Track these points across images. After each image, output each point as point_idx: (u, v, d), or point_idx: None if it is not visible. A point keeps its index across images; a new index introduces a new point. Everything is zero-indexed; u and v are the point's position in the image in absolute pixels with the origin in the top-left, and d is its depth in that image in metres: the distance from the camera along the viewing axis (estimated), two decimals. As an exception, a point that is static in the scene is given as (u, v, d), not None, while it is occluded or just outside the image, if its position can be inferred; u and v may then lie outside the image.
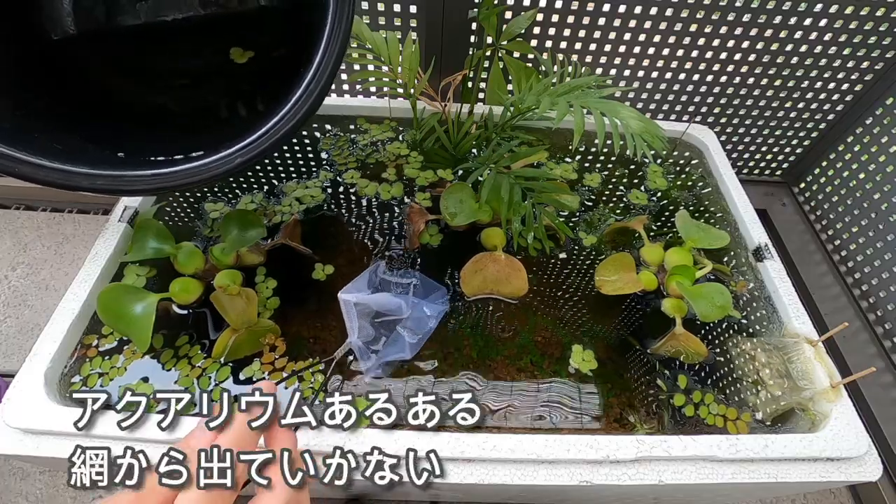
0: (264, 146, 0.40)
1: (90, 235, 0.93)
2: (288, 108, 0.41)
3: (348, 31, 0.41)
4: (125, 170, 0.39)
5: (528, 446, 0.40)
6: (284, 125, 0.41)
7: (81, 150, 0.43)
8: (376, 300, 0.47)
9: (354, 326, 0.46)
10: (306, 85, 0.41)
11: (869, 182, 0.85)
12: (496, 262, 0.53)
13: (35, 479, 0.68)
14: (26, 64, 0.47)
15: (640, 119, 0.48)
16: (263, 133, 0.41)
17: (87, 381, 0.44)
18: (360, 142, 0.67)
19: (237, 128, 0.44)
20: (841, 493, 0.75)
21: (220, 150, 0.40)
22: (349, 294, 0.47)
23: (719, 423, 0.45)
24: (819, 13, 0.72)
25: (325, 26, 0.41)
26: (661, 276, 0.55)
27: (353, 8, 0.42)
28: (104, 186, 0.38)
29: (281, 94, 0.42)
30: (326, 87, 0.42)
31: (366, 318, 0.47)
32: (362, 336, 0.46)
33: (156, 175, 0.39)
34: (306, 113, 0.41)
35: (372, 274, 0.50)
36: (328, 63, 0.41)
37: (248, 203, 0.58)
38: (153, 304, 0.45)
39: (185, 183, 0.39)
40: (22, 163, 0.36)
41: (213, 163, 0.40)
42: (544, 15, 0.72)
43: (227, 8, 0.54)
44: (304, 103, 0.41)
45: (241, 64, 0.55)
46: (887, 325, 0.80)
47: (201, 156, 0.40)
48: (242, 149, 0.40)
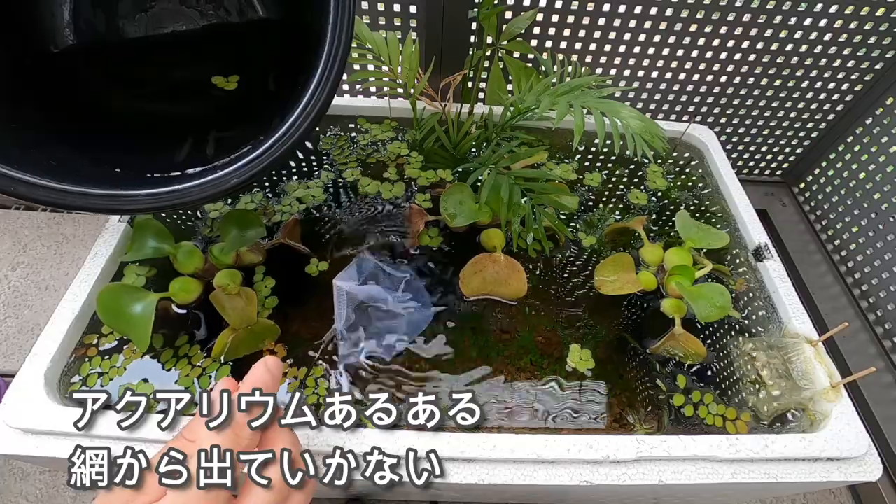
0: (261, 167, 0.40)
1: (90, 235, 0.93)
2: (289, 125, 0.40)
3: (349, 44, 0.41)
4: (121, 188, 0.38)
5: (528, 446, 0.40)
6: (284, 143, 0.40)
7: (77, 165, 0.42)
8: (365, 291, 0.48)
9: (343, 314, 0.46)
10: (305, 102, 0.40)
11: (869, 182, 0.85)
12: (496, 264, 0.53)
13: (35, 479, 0.68)
14: (21, 76, 0.47)
15: (641, 119, 0.48)
16: (263, 151, 0.40)
17: (87, 381, 0.44)
18: (361, 142, 0.67)
19: (237, 142, 0.43)
20: (841, 493, 0.75)
21: (216, 169, 0.40)
22: (343, 282, 0.48)
23: (719, 423, 0.45)
24: (819, 13, 0.72)
25: (326, 38, 0.41)
26: (660, 277, 0.55)
27: (353, 17, 0.41)
28: (99, 206, 0.38)
29: (279, 108, 0.42)
30: (326, 104, 0.41)
31: (352, 307, 0.47)
32: (347, 324, 0.46)
33: (151, 195, 0.38)
34: (308, 128, 0.41)
35: (360, 264, 0.50)
36: (328, 80, 0.40)
37: (247, 203, 0.58)
38: (153, 304, 0.45)
39: (179, 204, 0.39)
40: (18, 182, 0.36)
41: (207, 183, 0.39)
42: (544, 15, 0.72)
43: (227, 20, 0.54)
44: (303, 121, 0.40)
45: (241, 79, 0.55)
46: (887, 325, 0.80)
47: (198, 174, 0.40)
48: (239, 168, 0.40)
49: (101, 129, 0.50)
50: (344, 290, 0.47)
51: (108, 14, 0.51)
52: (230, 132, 0.49)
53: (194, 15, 0.53)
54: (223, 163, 0.40)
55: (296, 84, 0.43)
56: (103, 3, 0.50)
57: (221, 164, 0.40)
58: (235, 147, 0.42)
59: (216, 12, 0.53)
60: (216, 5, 0.53)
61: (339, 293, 0.47)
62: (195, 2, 0.52)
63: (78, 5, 0.49)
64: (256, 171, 0.40)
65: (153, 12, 0.52)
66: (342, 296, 0.47)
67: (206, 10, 0.53)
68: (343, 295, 0.47)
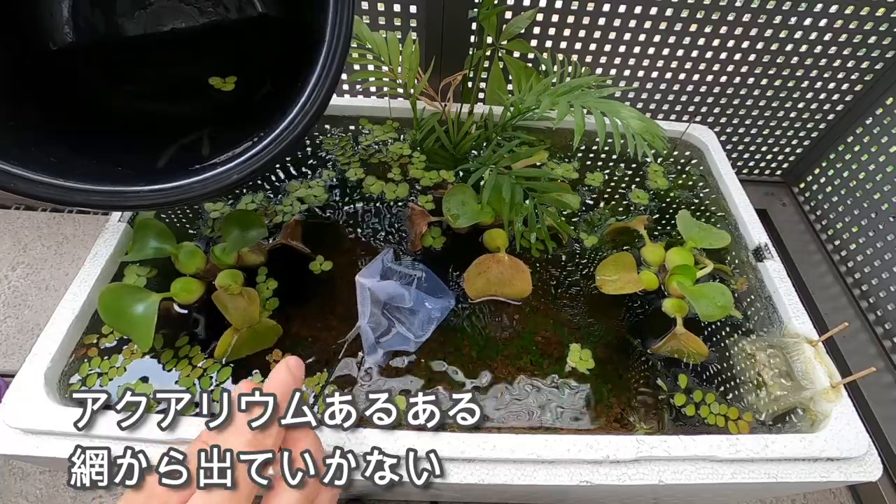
0: (260, 163, 0.40)
1: (90, 235, 0.93)
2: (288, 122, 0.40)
3: (348, 41, 0.41)
4: (122, 185, 0.38)
5: (528, 446, 0.40)
6: (284, 139, 0.40)
7: (77, 162, 0.42)
8: (384, 288, 0.48)
9: (366, 311, 0.46)
10: (304, 100, 0.40)
11: (869, 182, 0.85)
12: (500, 264, 0.53)
13: (35, 479, 0.68)
14: (20, 73, 0.47)
15: (641, 119, 0.48)
16: (262, 148, 0.40)
17: (87, 381, 0.44)
18: (363, 142, 0.67)
19: (237, 139, 0.43)
20: (841, 493, 0.75)
21: (217, 165, 0.40)
22: (366, 278, 0.48)
23: (720, 422, 0.45)
24: (819, 13, 0.72)
25: (325, 36, 0.41)
26: (661, 276, 0.55)
27: (353, 14, 0.41)
28: (101, 202, 0.38)
29: (279, 106, 0.42)
30: (325, 101, 0.41)
31: (375, 305, 0.47)
32: (371, 322, 0.46)
33: (153, 191, 0.38)
34: (307, 125, 0.40)
35: (383, 260, 0.50)
36: (327, 77, 0.40)
37: (248, 203, 0.58)
38: (155, 304, 0.45)
39: (181, 199, 0.39)
40: (17, 178, 0.36)
41: (208, 179, 0.39)
42: (544, 15, 0.72)
43: (226, 18, 0.54)
44: (302, 118, 0.40)
45: (240, 77, 0.55)
46: (887, 325, 0.80)
47: (200, 170, 0.40)
48: (240, 164, 0.40)
49: (102, 128, 0.50)
50: (366, 287, 0.47)
51: (106, 12, 0.51)
52: (231, 129, 0.49)
53: (193, 12, 0.53)
54: (224, 159, 0.41)
55: (295, 81, 0.43)
56: (102, 1, 0.50)
57: (222, 161, 0.40)
58: (236, 144, 0.42)
59: (215, 9, 0.53)
60: (216, 2, 0.53)
61: (363, 290, 0.47)
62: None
63: (77, 3, 0.49)
64: (257, 167, 0.40)
65: (152, 10, 0.52)
66: (364, 292, 0.47)
67: (205, 7, 0.53)
68: (365, 291, 0.47)
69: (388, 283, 0.48)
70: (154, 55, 0.53)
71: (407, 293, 0.48)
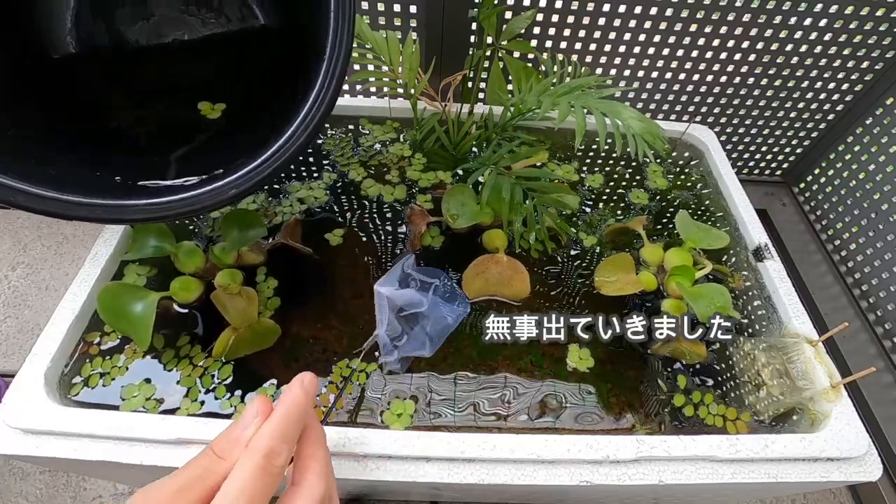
0: (259, 178, 0.40)
1: (90, 235, 0.93)
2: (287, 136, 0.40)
3: (348, 55, 0.41)
4: (123, 198, 0.38)
5: (528, 446, 0.40)
6: (283, 154, 0.40)
7: (77, 174, 0.42)
8: (402, 295, 0.48)
9: (384, 319, 0.46)
10: (304, 113, 0.40)
11: (869, 182, 0.85)
12: (498, 265, 0.53)
13: (35, 479, 0.68)
14: (20, 82, 0.47)
15: (641, 119, 0.48)
16: (262, 162, 0.40)
17: (89, 382, 0.44)
18: (364, 143, 0.67)
19: (236, 153, 0.43)
20: (841, 493, 0.75)
21: (215, 179, 0.40)
22: (383, 287, 0.47)
23: (719, 423, 0.45)
24: (819, 13, 0.72)
25: (326, 49, 0.40)
26: (660, 277, 0.55)
27: (353, 28, 0.41)
28: (103, 216, 0.38)
29: (280, 118, 0.42)
30: (326, 114, 0.41)
31: (392, 312, 0.47)
32: (389, 330, 0.46)
33: (151, 205, 0.38)
34: (307, 139, 0.40)
35: (403, 266, 0.50)
36: (328, 91, 0.40)
37: (248, 203, 0.58)
38: (154, 303, 0.45)
39: (179, 213, 0.39)
40: (19, 192, 0.36)
41: (205, 193, 0.39)
42: (544, 15, 0.72)
43: (228, 29, 0.53)
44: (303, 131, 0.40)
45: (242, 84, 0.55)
46: (887, 325, 0.80)
47: (198, 184, 0.40)
48: (238, 179, 0.39)
49: (101, 137, 0.50)
50: (384, 295, 0.47)
51: (109, 22, 0.51)
52: (230, 143, 0.49)
53: (195, 23, 0.53)
54: (221, 173, 0.40)
55: (295, 94, 0.42)
56: (105, 11, 0.50)
57: (220, 175, 0.40)
58: (234, 158, 0.42)
59: (217, 21, 0.53)
60: (217, 14, 0.53)
61: (381, 299, 0.47)
62: (196, 10, 0.52)
63: (80, 12, 0.49)
64: (255, 181, 0.40)
65: (154, 21, 0.52)
66: (382, 301, 0.47)
67: (207, 18, 0.53)
68: (383, 300, 0.47)
69: (406, 291, 0.48)
70: (155, 67, 0.53)
71: (424, 299, 0.48)
